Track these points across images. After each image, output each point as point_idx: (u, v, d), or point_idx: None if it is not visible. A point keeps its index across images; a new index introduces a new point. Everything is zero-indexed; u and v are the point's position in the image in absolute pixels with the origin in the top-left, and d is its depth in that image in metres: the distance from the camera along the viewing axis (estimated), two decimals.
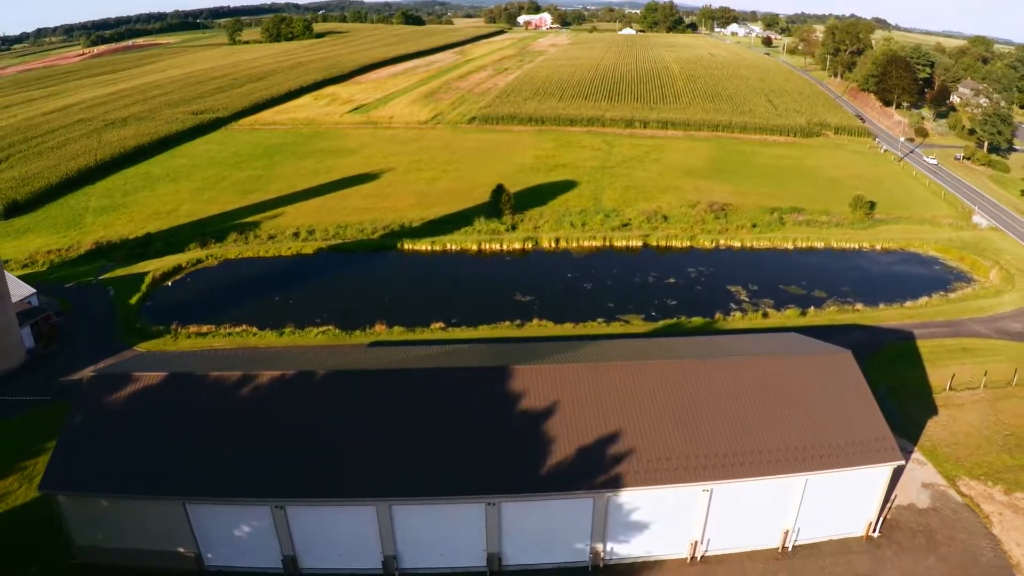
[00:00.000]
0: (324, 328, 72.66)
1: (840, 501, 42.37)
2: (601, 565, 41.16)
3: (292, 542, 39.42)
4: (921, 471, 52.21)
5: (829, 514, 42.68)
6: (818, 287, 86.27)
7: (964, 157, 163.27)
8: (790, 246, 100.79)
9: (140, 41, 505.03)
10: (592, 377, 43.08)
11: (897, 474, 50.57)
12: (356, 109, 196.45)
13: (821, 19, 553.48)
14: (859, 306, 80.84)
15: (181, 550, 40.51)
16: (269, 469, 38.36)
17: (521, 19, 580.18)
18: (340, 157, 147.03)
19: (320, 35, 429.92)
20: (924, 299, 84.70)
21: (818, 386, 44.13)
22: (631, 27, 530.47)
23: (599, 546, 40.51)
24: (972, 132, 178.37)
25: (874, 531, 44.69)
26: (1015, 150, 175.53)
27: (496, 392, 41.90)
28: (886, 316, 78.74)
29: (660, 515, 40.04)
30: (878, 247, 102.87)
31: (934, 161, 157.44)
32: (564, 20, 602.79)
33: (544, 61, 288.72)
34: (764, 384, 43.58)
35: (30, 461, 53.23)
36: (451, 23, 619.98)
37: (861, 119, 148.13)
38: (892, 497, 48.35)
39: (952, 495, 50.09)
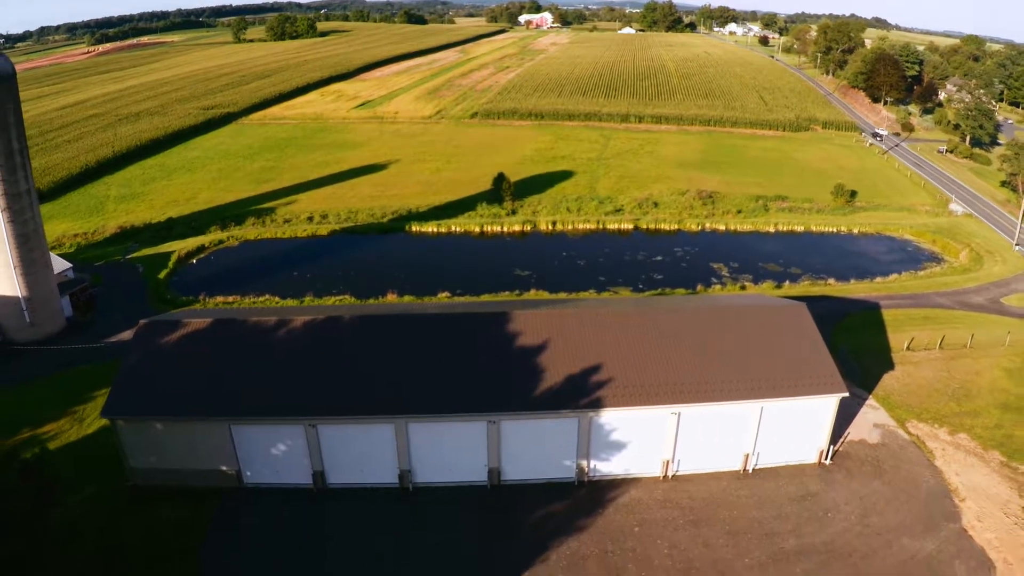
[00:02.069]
0: (340, 297, 79.39)
1: (793, 429, 48.92)
2: (586, 480, 47.92)
3: (321, 459, 46.12)
4: (874, 414, 58.76)
5: (784, 441, 49.25)
6: (795, 265, 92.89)
7: (947, 150, 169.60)
8: (772, 229, 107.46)
9: (145, 39, 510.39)
10: (579, 321, 50.01)
11: (850, 414, 57.28)
12: (362, 105, 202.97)
13: (832, 19, 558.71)
14: (831, 281, 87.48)
15: (224, 468, 47.09)
16: (304, 394, 45.17)
17: (522, 18, 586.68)
18: (348, 150, 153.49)
19: (324, 34, 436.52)
20: (894, 276, 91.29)
21: (774, 330, 50.93)
22: (631, 26, 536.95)
23: (584, 463, 47.26)
24: (957, 127, 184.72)
25: (826, 459, 51.24)
26: (998, 144, 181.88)
27: (497, 331, 48.80)
28: (856, 289, 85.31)
29: (635, 435, 46.75)
30: (855, 231, 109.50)
31: (884, 132, 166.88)
32: (565, 19, 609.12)
33: (544, 59, 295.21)
34: (727, 328, 50.47)
35: (79, 407, 59.71)
36: (453, 22, 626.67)
37: (880, 137, 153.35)
38: (845, 434, 54.93)
39: (900, 434, 56.59)
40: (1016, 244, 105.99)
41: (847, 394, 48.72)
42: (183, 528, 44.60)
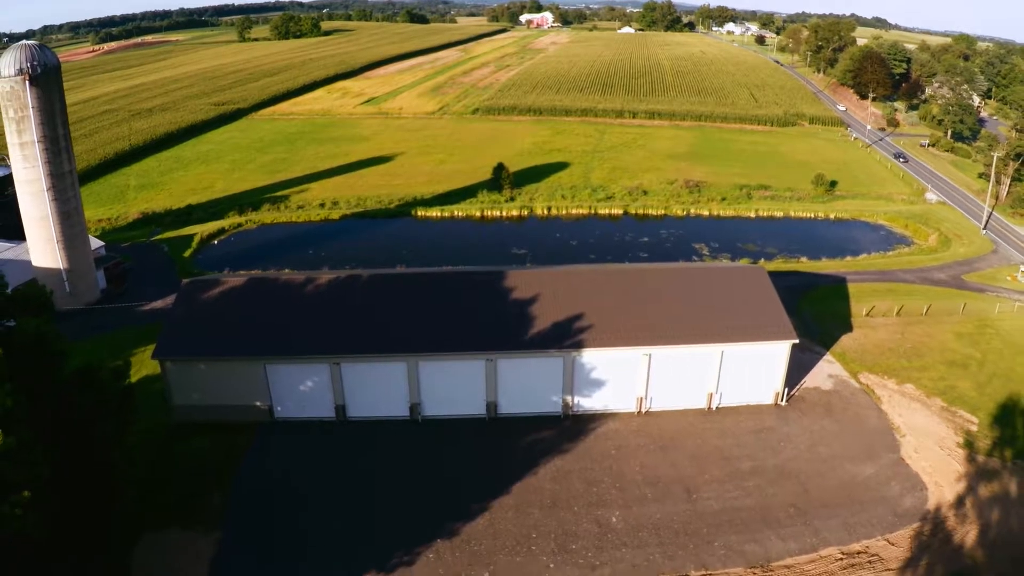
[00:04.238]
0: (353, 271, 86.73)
1: (751, 372, 56.26)
2: (570, 414, 55.49)
3: (343, 394, 53.57)
4: (829, 367, 66.00)
5: (743, 383, 56.62)
6: (771, 246, 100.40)
7: (929, 144, 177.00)
8: (752, 215, 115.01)
9: (149, 38, 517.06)
10: (565, 278, 57.95)
11: (807, 366, 64.51)
12: (367, 101, 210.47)
13: (823, 19, 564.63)
14: (803, 259, 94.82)
15: (258, 404, 54.42)
16: (329, 337, 52.72)
17: (523, 18, 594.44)
18: (355, 143, 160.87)
19: (327, 33, 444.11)
20: (863, 255, 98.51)
21: (734, 287, 58.63)
22: (630, 26, 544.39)
23: (568, 398, 54.80)
24: (940, 122, 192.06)
25: (782, 400, 58.54)
26: None
27: (495, 286, 56.63)
28: (825, 266, 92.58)
29: (613, 374, 54.24)
30: (832, 216, 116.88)
31: (842, 108, 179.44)
32: (565, 19, 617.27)
33: (544, 58, 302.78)
34: (693, 284, 58.39)
35: (120, 362, 66.89)
36: (454, 22, 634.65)
37: (904, 158, 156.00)
38: (801, 382, 62.17)
39: (852, 383, 63.80)
40: (983, 228, 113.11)
41: (797, 340, 56.03)
42: (224, 452, 52.02)
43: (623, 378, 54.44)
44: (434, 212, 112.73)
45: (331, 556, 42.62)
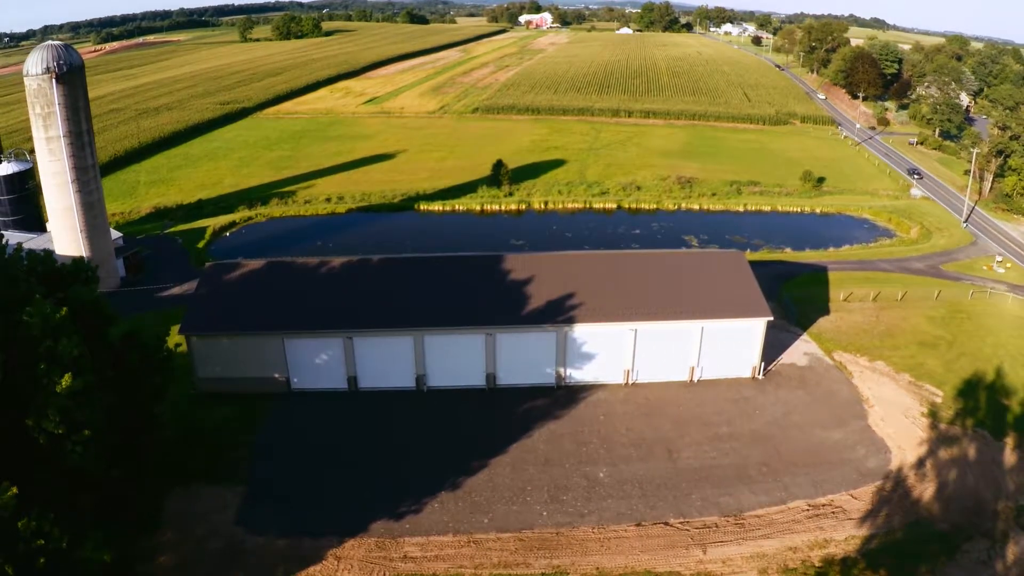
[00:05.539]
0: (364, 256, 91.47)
1: (730, 347, 60.97)
2: (563, 385, 60.40)
3: (355, 366, 58.31)
4: (805, 346, 70.65)
5: (723, 357, 61.34)
6: (758, 238, 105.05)
7: (917, 142, 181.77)
8: (741, 209, 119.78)
9: (151, 38, 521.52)
10: (558, 262, 63.24)
11: (784, 345, 69.16)
12: (369, 101, 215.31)
13: (820, 19, 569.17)
14: (787, 250, 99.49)
15: (276, 376, 59.12)
16: (342, 313, 57.60)
17: (522, 18, 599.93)
18: (359, 141, 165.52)
19: (328, 33, 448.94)
20: (846, 247, 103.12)
21: (715, 270, 63.65)
22: (628, 27, 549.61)
23: (561, 370, 59.70)
24: (929, 121, 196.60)
25: (759, 374, 63.24)
26: None
27: (494, 268, 61.72)
28: (808, 256, 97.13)
29: (602, 348, 59.07)
30: (818, 211, 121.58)
31: (822, 96, 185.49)
32: (564, 19, 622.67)
33: (543, 59, 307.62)
34: (677, 267, 63.52)
35: (161, 328, 71.40)
36: (454, 22, 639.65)
37: (919, 174, 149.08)
38: (777, 359, 66.81)
39: (826, 360, 68.45)
40: (964, 222, 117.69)
41: (772, 318, 60.79)
42: (246, 418, 56.72)
43: (611, 352, 59.22)
44: (436, 206, 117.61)
45: (344, 505, 47.32)
